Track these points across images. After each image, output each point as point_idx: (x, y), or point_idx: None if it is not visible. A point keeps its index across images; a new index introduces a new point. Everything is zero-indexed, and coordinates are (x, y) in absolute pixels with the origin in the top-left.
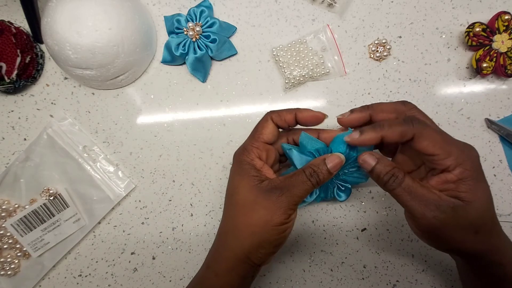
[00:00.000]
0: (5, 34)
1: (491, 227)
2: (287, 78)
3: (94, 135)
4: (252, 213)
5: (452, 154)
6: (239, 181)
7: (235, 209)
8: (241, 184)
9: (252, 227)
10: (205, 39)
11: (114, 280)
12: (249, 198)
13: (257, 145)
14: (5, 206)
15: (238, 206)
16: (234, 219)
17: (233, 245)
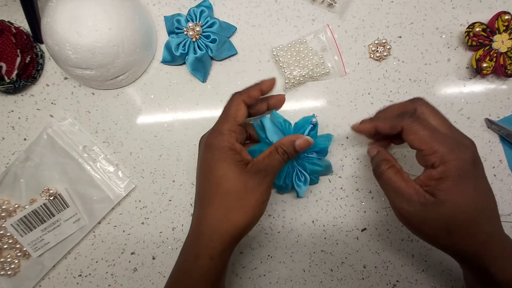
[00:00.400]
0: (5, 34)
1: (472, 231)
2: (287, 78)
3: (94, 135)
4: (245, 196)
5: (437, 152)
6: (227, 169)
7: (227, 197)
8: (229, 171)
9: (245, 208)
10: (205, 39)
11: (114, 280)
12: (239, 184)
13: (234, 128)
14: (5, 206)
15: (229, 193)
16: (227, 205)
17: (228, 228)
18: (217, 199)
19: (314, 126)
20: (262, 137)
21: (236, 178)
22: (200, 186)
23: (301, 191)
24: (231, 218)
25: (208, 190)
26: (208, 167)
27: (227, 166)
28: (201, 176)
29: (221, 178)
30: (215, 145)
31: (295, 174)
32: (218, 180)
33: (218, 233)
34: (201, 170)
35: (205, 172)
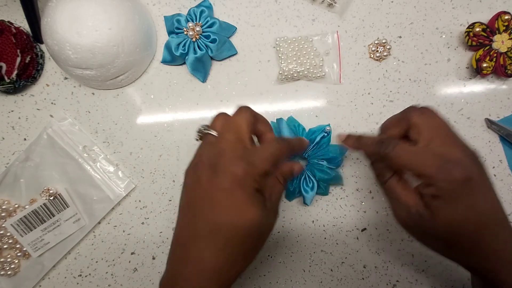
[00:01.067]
0: (5, 34)
1: (471, 246)
2: (282, 69)
3: (94, 135)
4: (261, 237)
5: (424, 175)
6: (255, 213)
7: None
8: (257, 215)
9: (257, 250)
10: (205, 39)
11: (114, 280)
12: (260, 227)
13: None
14: (5, 206)
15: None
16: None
17: (232, 275)
18: (234, 244)
19: (328, 134)
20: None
21: (262, 221)
22: (207, 223)
23: (308, 197)
24: (242, 262)
25: (224, 232)
26: (235, 207)
27: (257, 209)
28: (216, 214)
29: (248, 222)
30: (249, 184)
31: (303, 179)
32: (244, 223)
33: (216, 278)
34: (218, 206)
35: (228, 212)
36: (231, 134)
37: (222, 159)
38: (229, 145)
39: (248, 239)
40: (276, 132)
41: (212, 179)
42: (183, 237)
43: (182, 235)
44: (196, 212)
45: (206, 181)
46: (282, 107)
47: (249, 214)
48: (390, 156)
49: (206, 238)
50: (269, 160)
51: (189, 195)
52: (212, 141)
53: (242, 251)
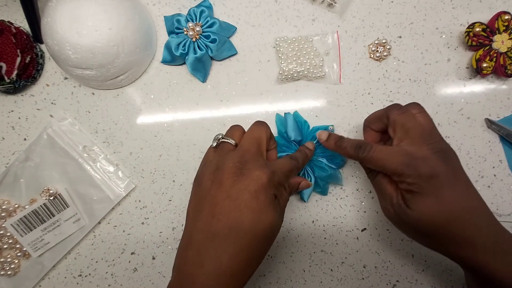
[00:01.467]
0: (5, 34)
1: (445, 236)
2: (282, 69)
3: (94, 135)
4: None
5: (395, 173)
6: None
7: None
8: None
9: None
10: (205, 39)
11: (114, 280)
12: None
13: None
14: (5, 206)
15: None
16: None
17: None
18: (253, 246)
19: None
20: (281, 131)
21: (278, 226)
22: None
23: (306, 192)
24: (256, 265)
25: (244, 233)
26: (258, 210)
27: (276, 214)
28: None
29: (268, 225)
30: (272, 190)
31: (302, 174)
32: (265, 226)
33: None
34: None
35: (250, 214)
36: (252, 146)
37: (248, 165)
38: (252, 155)
39: (264, 241)
40: (282, 125)
41: (237, 182)
42: (197, 240)
43: (196, 238)
44: (216, 212)
45: (230, 184)
46: (282, 107)
47: (269, 218)
48: (366, 159)
49: (226, 238)
50: (286, 174)
51: (207, 197)
52: (231, 149)
53: (258, 253)
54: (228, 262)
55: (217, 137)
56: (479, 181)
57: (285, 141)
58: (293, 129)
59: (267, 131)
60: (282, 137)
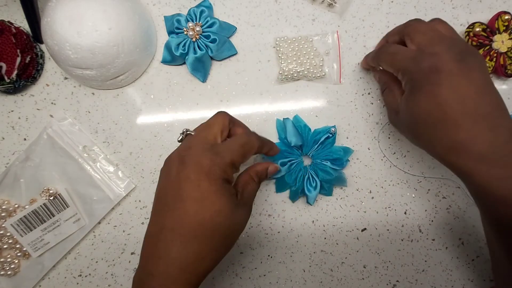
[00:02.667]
0: (5, 34)
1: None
2: (282, 69)
3: (94, 135)
4: (232, 232)
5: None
6: (224, 203)
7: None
8: (226, 207)
9: (228, 246)
10: (205, 39)
11: (114, 280)
12: (230, 219)
13: (239, 162)
14: (5, 206)
15: (218, 229)
16: (211, 244)
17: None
18: (201, 236)
19: (332, 135)
20: (281, 137)
21: (230, 215)
22: (173, 215)
23: (311, 196)
24: (210, 258)
25: (189, 224)
26: (201, 196)
27: (224, 201)
28: (181, 206)
29: (215, 213)
30: (217, 175)
31: (307, 179)
32: (211, 214)
33: (183, 276)
34: (185, 197)
35: (193, 204)
36: (203, 132)
37: (190, 151)
38: (199, 140)
39: (216, 232)
40: (282, 131)
41: (180, 171)
42: (152, 232)
43: (152, 230)
44: (164, 205)
45: (175, 174)
46: (282, 107)
47: (216, 205)
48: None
49: (173, 231)
50: (237, 151)
51: (159, 189)
52: (190, 140)
53: (210, 246)
54: (175, 254)
55: (183, 130)
56: None
57: (287, 146)
58: (293, 135)
59: (221, 116)
60: (283, 143)
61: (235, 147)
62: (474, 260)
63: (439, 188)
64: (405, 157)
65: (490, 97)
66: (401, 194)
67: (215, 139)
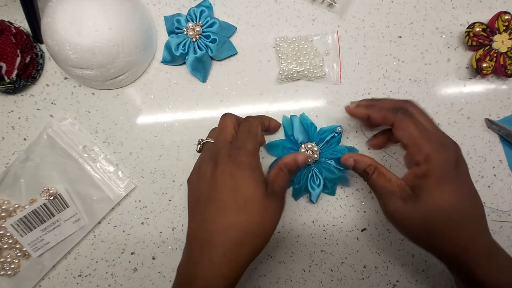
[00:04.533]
0: (5, 34)
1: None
2: (282, 69)
3: (94, 135)
4: (266, 219)
5: (423, 150)
6: (255, 189)
7: (250, 218)
8: (256, 193)
9: (265, 233)
10: (205, 39)
11: (114, 280)
12: (263, 205)
13: (258, 148)
14: (5, 206)
15: (253, 214)
16: (248, 227)
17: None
18: (239, 224)
19: (338, 134)
20: (287, 133)
21: (262, 200)
22: (212, 208)
23: (314, 193)
24: (249, 244)
25: (228, 211)
26: (235, 185)
27: (255, 186)
28: (219, 198)
29: (248, 199)
30: (245, 163)
31: (310, 176)
32: (245, 200)
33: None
34: (222, 189)
35: (229, 193)
36: (221, 136)
37: (219, 153)
38: (222, 143)
39: (251, 218)
40: (289, 128)
41: (215, 171)
42: (193, 227)
43: (193, 225)
44: (202, 201)
45: (210, 174)
46: (282, 107)
47: (249, 191)
48: (399, 123)
49: (213, 221)
50: (249, 137)
51: (194, 191)
52: (210, 146)
53: (247, 232)
54: (217, 242)
55: (198, 141)
56: (479, 181)
57: (292, 143)
58: (299, 132)
59: (230, 118)
60: (289, 139)
61: (245, 135)
62: None
63: None
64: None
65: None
66: None
67: (232, 138)
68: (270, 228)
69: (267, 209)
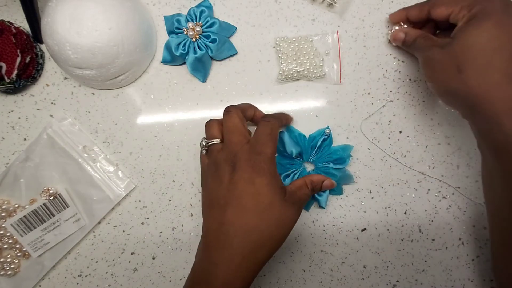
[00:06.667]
0: (5, 34)
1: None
2: (282, 69)
3: (94, 135)
4: (283, 225)
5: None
6: (273, 195)
7: (268, 222)
8: (275, 199)
9: (280, 239)
10: (205, 39)
11: (114, 280)
12: (281, 212)
13: (276, 154)
14: (5, 206)
15: (271, 219)
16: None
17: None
18: (259, 227)
19: (328, 136)
20: (280, 150)
21: (280, 206)
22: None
23: (322, 199)
24: (268, 247)
25: (249, 215)
26: (255, 191)
27: (274, 191)
28: (239, 203)
29: (268, 205)
30: (265, 170)
31: None
32: (266, 206)
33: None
34: (242, 194)
35: (250, 198)
36: (235, 137)
37: (237, 157)
38: (238, 146)
39: (271, 221)
40: (280, 144)
41: (234, 175)
42: (211, 227)
43: (211, 226)
44: (221, 204)
45: (228, 178)
46: (282, 107)
47: (269, 197)
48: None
49: (233, 224)
50: (270, 141)
51: (210, 193)
52: (219, 147)
53: (267, 235)
54: (237, 245)
55: (201, 144)
56: (479, 181)
57: (287, 159)
58: (291, 145)
59: (235, 112)
60: (283, 156)
61: (265, 139)
62: (474, 260)
63: (439, 188)
64: (405, 157)
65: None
66: (401, 194)
67: (246, 137)
68: (286, 232)
69: (285, 215)
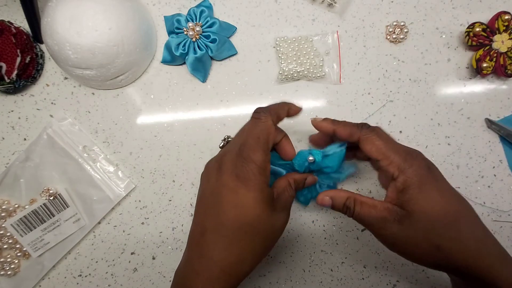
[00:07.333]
0: (5, 34)
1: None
2: (282, 69)
3: (94, 135)
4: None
5: (394, 162)
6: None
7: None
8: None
9: (267, 249)
10: (205, 39)
11: (114, 280)
12: (269, 225)
13: (268, 158)
14: (5, 206)
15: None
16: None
17: (240, 273)
18: (242, 240)
19: (313, 162)
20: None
21: (268, 219)
22: (215, 219)
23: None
24: (250, 261)
25: (230, 228)
26: (240, 203)
27: (263, 206)
28: (221, 211)
29: (254, 218)
30: (252, 182)
31: (318, 186)
32: (250, 219)
33: (224, 277)
34: (224, 202)
35: (232, 209)
36: (238, 139)
37: (225, 158)
38: (233, 147)
39: (255, 236)
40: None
41: (219, 178)
42: (195, 231)
43: (195, 229)
44: (206, 207)
45: (214, 180)
46: None
47: (255, 211)
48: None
49: (215, 232)
50: (257, 146)
51: (201, 192)
52: None
53: (250, 249)
54: (218, 256)
55: (224, 137)
56: (479, 181)
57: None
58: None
59: (266, 121)
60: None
61: (253, 143)
62: None
63: None
64: None
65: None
66: None
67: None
68: (272, 243)
69: (275, 226)
